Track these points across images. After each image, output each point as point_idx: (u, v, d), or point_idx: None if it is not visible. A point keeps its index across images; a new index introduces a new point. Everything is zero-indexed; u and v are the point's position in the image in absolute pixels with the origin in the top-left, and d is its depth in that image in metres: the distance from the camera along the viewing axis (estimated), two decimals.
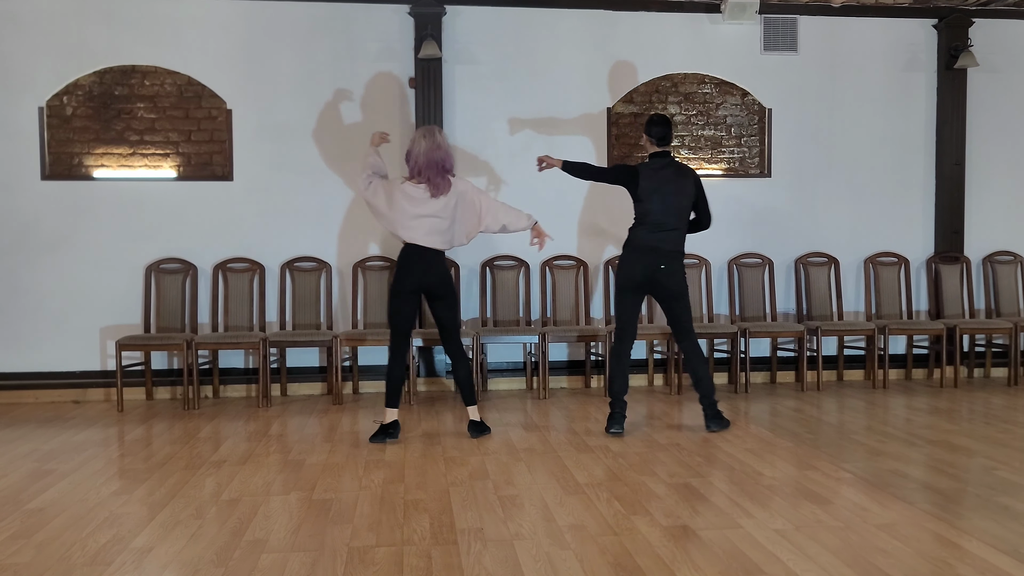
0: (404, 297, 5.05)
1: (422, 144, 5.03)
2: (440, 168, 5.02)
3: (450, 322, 5.16)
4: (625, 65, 7.01)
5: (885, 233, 7.32)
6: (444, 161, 5.04)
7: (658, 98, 7.09)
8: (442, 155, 5.04)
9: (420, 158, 5.01)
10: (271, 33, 6.67)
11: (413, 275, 5.02)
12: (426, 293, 5.10)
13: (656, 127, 5.26)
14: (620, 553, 3.19)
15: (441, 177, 5.03)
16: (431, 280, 5.05)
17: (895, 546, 3.23)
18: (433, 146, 5.02)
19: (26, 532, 3.50)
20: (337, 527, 3.52)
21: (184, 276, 6.59)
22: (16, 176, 6.48)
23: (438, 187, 5.02)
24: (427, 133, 5.09)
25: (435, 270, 5.06)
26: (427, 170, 5.00)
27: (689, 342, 5.29)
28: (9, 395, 6.51)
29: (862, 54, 7.25)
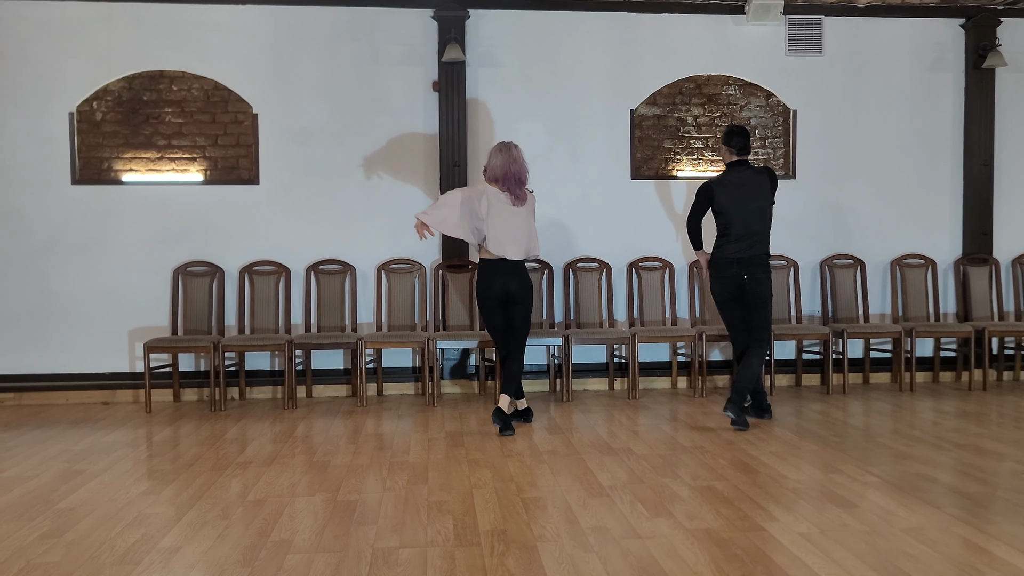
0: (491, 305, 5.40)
1: (498, 157, 5.29)
2: (519, 180, 5.30)
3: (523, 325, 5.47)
4: (648, 67, 7.00)
5: (912, 234, 7.26)
6: (520, 174, 5.31)
7: (681, 100, 7.07)
8: (518, 168, 5.30)
9: (498, 170, 5.27)
10: (296, 38, 6.73)
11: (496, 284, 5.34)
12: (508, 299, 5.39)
13: (736, 137, 5.47)
14: (643, 556, 3.19)
15: (520, 188, 5.31)
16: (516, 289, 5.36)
17: (922, 551, 3.20)
18: (509, 159, 5.28)
19: (56, 531, 3.56)
20: (361, 528, 3.55)
21: (211, 279, 6.66)
22: (47, 180, 6.58)
23: (519, 197, 5.31)
24: (503, 148, 5.33)
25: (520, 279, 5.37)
26: (506, 181, 5.28)
27: (759, 346, 5.49)
28: (40, 396, 6.60)
29: (888, 54, 7.19)
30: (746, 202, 5.41)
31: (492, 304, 5.39)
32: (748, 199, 5.41)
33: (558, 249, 6.93)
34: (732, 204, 5.41)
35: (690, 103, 7.08)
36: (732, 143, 5.48)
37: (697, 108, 7.08)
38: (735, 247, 5.41)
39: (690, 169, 7.07)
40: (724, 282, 5.46)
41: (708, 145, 7.09)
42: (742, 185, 5.42)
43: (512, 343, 5.46)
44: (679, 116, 7.06)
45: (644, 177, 7.00)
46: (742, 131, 5.48)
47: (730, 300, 5.49)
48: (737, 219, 5.40)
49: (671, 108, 7.06)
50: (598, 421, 5.70)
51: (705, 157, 7.08)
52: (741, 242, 5.40)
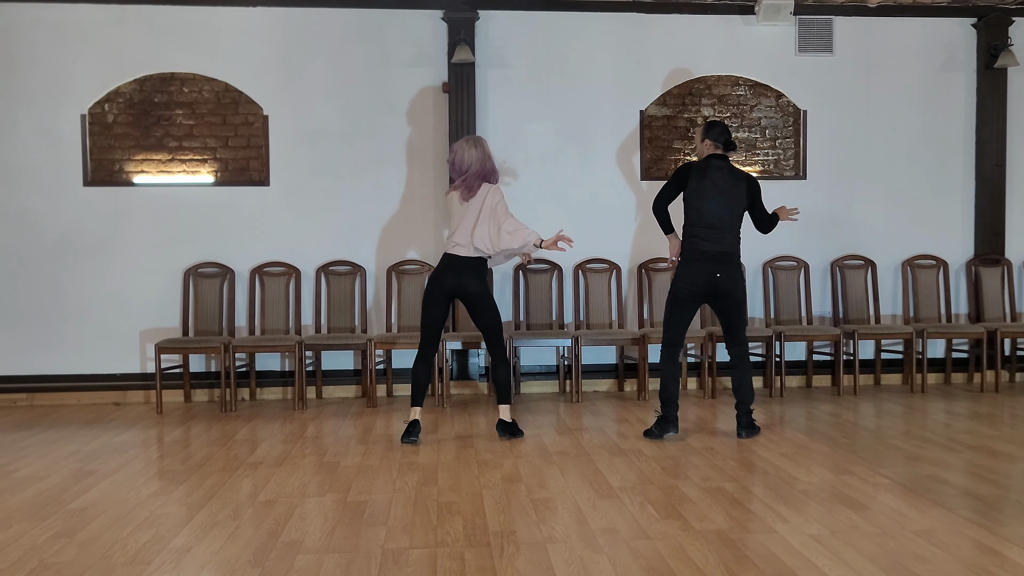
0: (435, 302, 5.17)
1: (473, 153, 5.15)
2: (482, 177, 5.15)
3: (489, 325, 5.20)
4: (658, 68, 6.99)
5: (923, 235, 7.22)
6: (492, 171, 5.19)
7: (691, 100, 7.06)
8: (491, 165, 5.19)
9: (474, 165, 5.13)
10: (306, 40, 6.75)
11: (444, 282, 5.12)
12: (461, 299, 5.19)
13: (718, 127, 5.17)
14: (653, 557, 3.18)
15: (478, 183, 5.13)
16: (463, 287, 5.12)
17: (934, 553, 3.19)
18: (484, 156, 5.16)
19: (68, 531, 3.57)
20: (371, 529, 3.55)
21: (221, 280, 6.68)
22: (59, 182, 6.61)
23: (471, 190, 5.12)
24: (476, 143, 5.19)
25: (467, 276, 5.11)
26: (471, 178, 5.13)
27: (740, 348, 5.20)
28: (52, 397, 6.64)
29: (899, 54, 7.16)
30: (717, 195, 5.05)
31: (436, 295, 5.13)
32: (719, 194, 5.06)
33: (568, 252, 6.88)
34: (702, 191, 5.03)
35: (700, 104, 7.07)
36: (713, 134, 5.15)
37: (707, 109, 7.07)
38: (706, 242, 5.04)
39: None
40: (695, 277, 5.05)
41: None
42: (718, 180, 5.07)
43: (490, 347, 5.19)
44: (689, 117, 7.05)
45: (654, 178, 6.99)
46: (724, 127, 5.20)
47: (693, 298, 5.10)
48: (708, 210, 5.06)
49: (681, 109, 7.05)
50: (607, 422, 5.69)
51: None
52: (713, 232, 5.05)
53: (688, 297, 5.11)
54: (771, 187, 7.09)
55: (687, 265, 5.10)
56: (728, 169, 5.13)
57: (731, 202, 5.09)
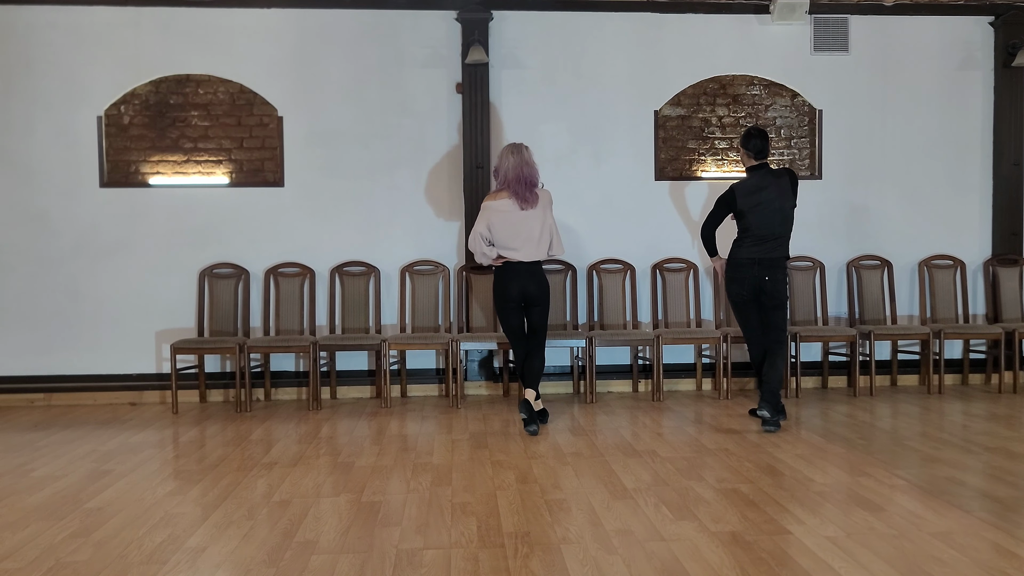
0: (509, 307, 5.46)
1: (510, 160, 5.32)
2: (529, 183, 5.32)
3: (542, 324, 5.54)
4: (672, 67, 6.97)
5: (940, 235, 7.17)
6: (532, 176, 5.34)
7: (706, 100, 7.03)
8: (530, 171, 5.34)
9: (509, 173, 5.31)
10: (321, 41, 6.76)
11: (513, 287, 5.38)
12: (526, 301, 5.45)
13: (755, 140, 5.43)
14: (668, 559, 3.17)
15: (530, 191, 5.33)
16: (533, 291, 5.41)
17: (951, 555, 3.16)
18: (521, 162, 5.32)
19: (85, 531, 3.59)
20: (385, 529, 3.56)
21: (236, 281, 6.71)
22: (76, 184, 6.66)
23: (527, 200, 5.32)
24: (514, 150, 5.36)
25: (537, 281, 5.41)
26: (515, 184, 5.30)
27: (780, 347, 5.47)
28: (69, 397, 6.68)
29: (915, 53, 7.11)
30: (769, 205, 5.37)
31: (510, 307, 5.46)
32: (770, 202, 5.37)
33: (582, 251, 6.92)
34: (755, 207, 5.38)
35: (715, 103, 7.04)
36: (750, 146, 5.44)
37: (722, 108, 7.05)
38: (756, 248, 5.38)
39: (715, 170, 7.04)
40: (742, 283, 5.42)
41: (733, 146, 7.05)
42: (765, 188, 5.39)
43: (533, 343, 5.51)
44: (703, 117, 7.03)
45: (668, 178, 6.97)
46: (760, 133, 5.43)
47: (749, 301, 5.45)
48: (760, 222, 5.38)
49: (695, 109, 7.02)
50: (622, 423, 5.68)
51: (730, 158, 7.04)
52: (763, 244, 5.38)
53: (743, 301, 5.46)
54: None
55: (735, 270, 5.46)
56: (773, 174, 5.45)
57: (781, 204, 5.41)
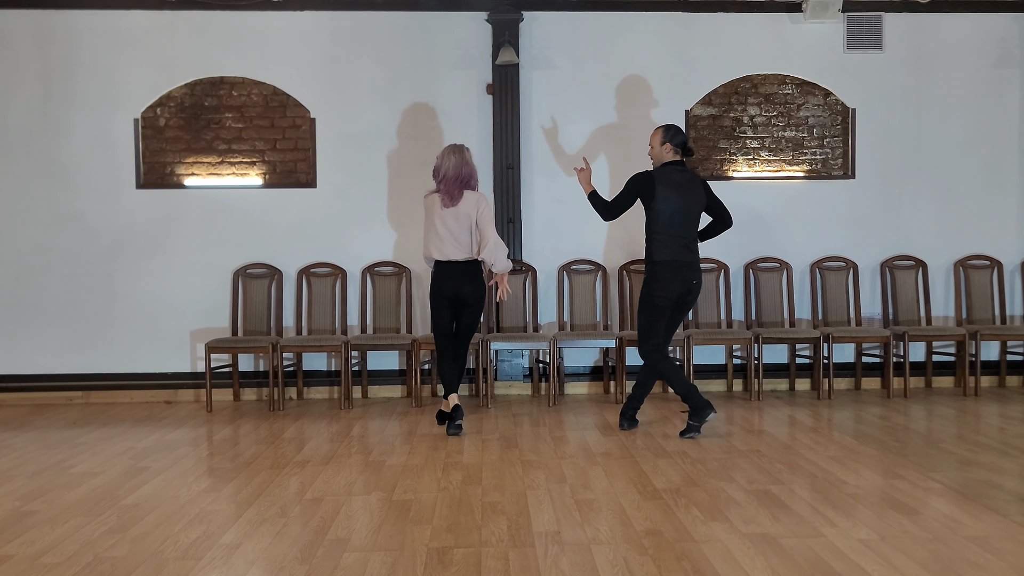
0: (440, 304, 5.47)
1: (451, 159, 5.36)
2: (462, 183, 5.35)
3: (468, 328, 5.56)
4: (703, 67, 6.94)
5: (976, 235, 7.07)
6: (470, 177, 5.38)
7: (737, 99, 6.99)
8: (468, 171, 5.38)
9: (449, 172, 5.34)
10: (352, 43, 6.82)
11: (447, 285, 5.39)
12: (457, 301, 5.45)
13: (680, 135, 5.27)
14: (699, 560, 3.16)
15: (459, 190, 5.34)
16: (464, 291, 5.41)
17: (988, 559, 3.12)
18: (461, 162, 5.36)
19: (122, 527, 3.66)
20: (416, 528, 3.58)
21: (270, 281, 6.78)
22: (113, 185, 6.77)
23: (452, 197, 5.33)
24: (455, 150, 5.41)
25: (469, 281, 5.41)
26: (450, 183, 5.33)
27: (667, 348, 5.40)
28: (106, 395, 6.79)
29: (951, 50, 7.02)
30: (687, 203, 5.17)
31: (441, 304, 5.45)
32: (689, 201, 5.18)
33: (612, 253, 6.91)
34: (674, 202, 5.14)
35: (746, 103, 7.00)
36: (674, 140, 5.22)
37: (753, 108, 7.00)
38: (680, 250, 5.16)
39: (746, 169, 7.00)
40: (676, 284, 5.15)
41: (764, 145, 7.00)
42: (683, 184, 5.18)
43: (458, 348, 5.55)
44: (735, 116, 6.99)
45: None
46: (680, 129, 5.32)
47: (671, 305, 5.21)
48: (678, 219, 5.15)
49: (727, 108, 6.99)
50: (652, 423, 5.66)
51: (761, 157, 7.00)
52: (682, 244, 5.16)
53: (665, 305, 5.22)
54: (819, 187, 7.02)
55: (668, 272, 5.17)
56: (687, 174, 5.27)
57: (697, 208, 5.25)
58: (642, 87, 6.93)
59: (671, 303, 5.21)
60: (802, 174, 7.03)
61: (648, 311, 5.24)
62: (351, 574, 3.08)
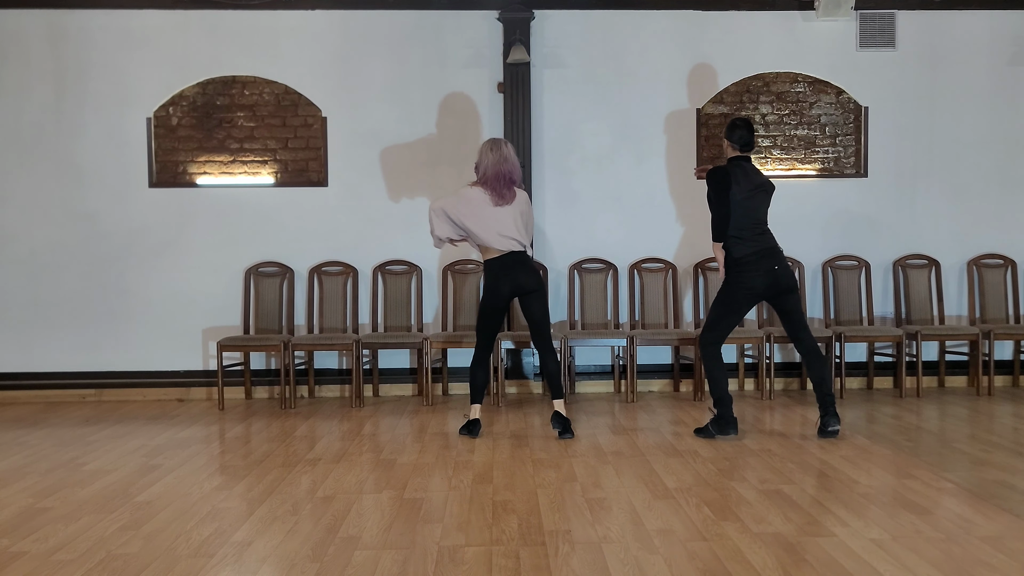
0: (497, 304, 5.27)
1: (489, 156, 5.21)
2: (508, 180, 5.21)
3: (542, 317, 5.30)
4: (715, 65, 6.92)
5: (990, 234, 7.03)
6: (512, 173, 5.22)
7: (749, 98, 6.97)
8: (509, 167, 5.21)
9: (489, 170, 5.19)
10: (364, 42, 6.83)
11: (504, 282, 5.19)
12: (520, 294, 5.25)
13: (739, 131, 5.15)
14: (710, 559, 3.16)
15: (508, 188, 5.21)
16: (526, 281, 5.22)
17: (1001, 560, 3.10)
18: (501, 158, 5.19)
19: (135, 524, 3.68)
20: (427, 526, 3.59)
21: (281, 279, 6.80)
22: (126, 184, 6.80)
23: (503, 196, 5.19)
24: (494, 146, 5.24)
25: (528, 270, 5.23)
26: (494, 181, 5.18)
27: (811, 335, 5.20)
28: (119, 392, 6.83)
29: (965, 48, 6.98)
30: (757, 196, 5.10)
31: (496, 304, 5.23)
32: (759, 192, 5.11)
33: (623, 250, 6.90)
34: (753, 194, 5.07)
35: (758, 101, 6.98)
36: (734, 137, 5.14)
37: (765, 106, 6.98)
38: (759, 239, 5.05)
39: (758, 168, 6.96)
40: (760, 276, 5.01)
41: (776, 144, 6.98)
42: (751, 178, 5.11)
43: (538, 340, 5.29)
44: (747, 114, 6.96)
45: None
46: (746, 124, 5.16)
47: (750, 300, 5.10)
48: (752, 212, 5.07)
49: (738, 106, 6.97)
50: (663, 422, 5.66)
51: (773, 156, 6.98)
52: (761, 235, 5.07)
53: (745, 299, 5.10)
54: (831, 185, 6.99)
55: (751, 265, 5.03)
56: (755, 169, 5.23)
57: (768, 199, 5.19)
58: (653, 85, 6.91)
59: (758, 294, 5.08)
60: (814, 173, 7.01)
61: (724, 304, 5.13)
62: (362, 572, 3.09)
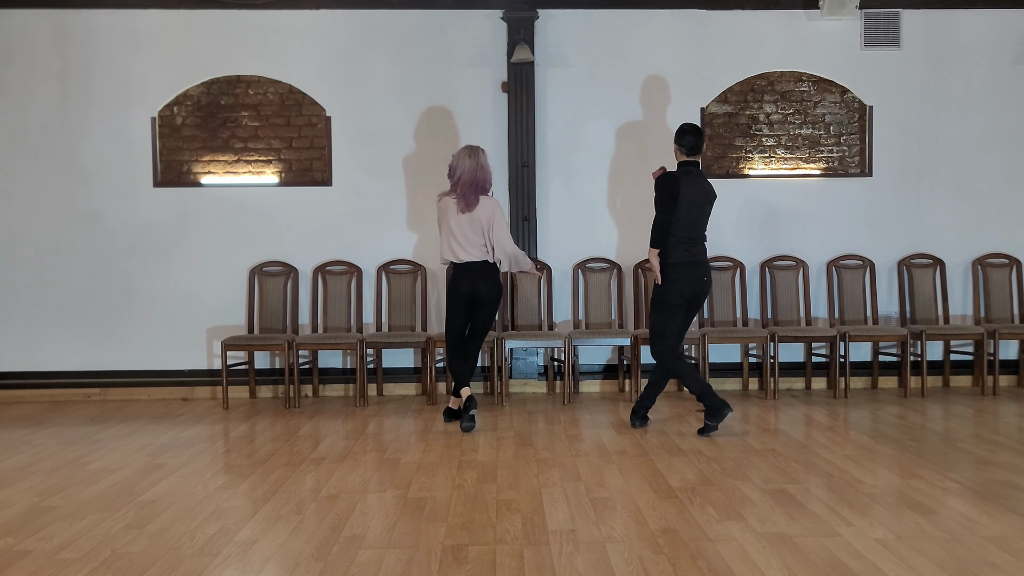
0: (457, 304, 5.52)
1: (467, 163, 5.37)
2: (478, 188, 5.38)
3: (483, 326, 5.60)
4: (719, 64, 6.91)
5: (995, 233, 7.01)
6: (485, 182, 5.41)
7: (753, 97, 6.96)
8: (483, 176, 5.40)
9: (465, 175, 5.36)
10: (368, 41, 6.83)
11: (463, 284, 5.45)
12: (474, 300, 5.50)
13: (688, 136, 5.27)
14: (714, 559, 3.15)
15: (475, 195, 5.37)
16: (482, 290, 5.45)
17: (1006, 560, 3.10)
18: (477, 166, 5.37)
19: (140, 523, 3.68)
20: (431, 525, 3.59)
21: (285, 278, 6.81)
22: (130, 184, 6.81)
23: (469, 203, 5.36)
24: (471, 152, 5.42)
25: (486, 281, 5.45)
26: (465, 187, 5.35)
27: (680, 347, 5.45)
28: (124, 392, 6.84)
29: (969, 47, 6.96)
30: (700, 204, 5.24)
31: (457, 304, 5.50)
32: (703, 202, 5.25)
33: (627, 250, 6.89)
34: (692, 204, 5.19)
35: (762, 100, 6.97)
36: (684, 142, 5.26)
37: (769, 105, 6.97)
38: (694, 249, 5.22)
39: (762, 167, 6.97)
40: (690, 283, 5.19)
41: (781, 143, 6.97)
42: (697, 186, 5.24)
43: (472, 343, 5.62)
44: (751, 114, 6.96)
45: (715, 176, 6.89)
46: (695, 129, 5.29)
47: (686, 304, 5.25)
48: (694, 220, 5.22)
49: (743, 106, 6.96)
50: (667, 422, 5.65)
51: (778, 155, 6.97)
52: (696, 244, 5.23)
53: (678, 305, 5.25)
54: (835, 185, 6.98)
55: (684, 271, 5.20)
56: (701, 176, 5.33)
57: (708, 208, 5.33)
58: (658, 85, 6.91)
59: (686, 301, 5.25)
60: (819, 172, 7.00)
61: (662, 311, 5.27)
62: (366, 571, 3.09)
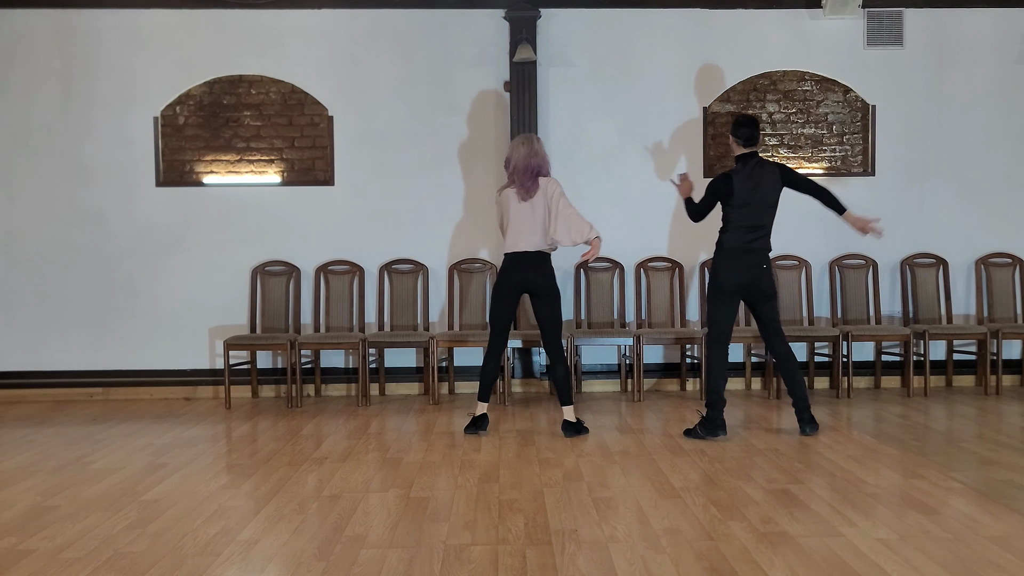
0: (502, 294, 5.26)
1: (520, 151, 5.23)
2: (534, 173, 5.20)
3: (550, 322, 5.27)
4: (722, 63, 6.90)
5: (998, 233, 7.00)
6: (540, 167, 5.23)
7: (756, 96, 6.96)
8: (539, 161, 5.22)
9: (519, 163, 5.21)
10: (370, 41, 6.83)
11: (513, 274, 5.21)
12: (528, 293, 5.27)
13: (744, 128, 5.20)
14: (716, 558, 3.15)
15: (532, 181, 5.20)
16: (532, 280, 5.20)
17: (1009, 560, 3.09)
18: (531, 152, 5.21)
19: (142, 522, 3.68)
20: (434, 525, 3.59)
21: (288, 278, 6.81)
22: (133, 183, 6.81)
23: (528, 190, 5.19)
24: (525, 140, 5.28)
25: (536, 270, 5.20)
26: (521, 175, 5.19)
27: (784, 344, 5.27)
28: (126, 391, 6.85)
29: (973, 46, 6.95)
30: (759, 195, 5.16)
31: (503, 293, 5.24)
32: (761, 192, 5.16)
33: (630, 249, 6.89)
34: (746, 196, 5.14)
35: (765, 99, 6.96)
36: (740, 133, 5.20)
37: (772, 105, 6.96)
38: (748, 235, 5.15)
39: None
40: (741, 271, 5.11)
41: (783, 142, 6.96)
42: (754, 177, 5.17)
43: (547, 344, 5.29)
44: (754, 113, 6.95)
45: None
46: (750, 121, 5.22)
47: (737, 292, 5.15)
48: (750, 211, 5.15)
49: (745, 105, 6.95)
50: (670, 422, 5.65)
51: (780, 154, 6.96)
52: (753, 232, 5.15)
53: (732, 291, 5.16)
54: (838, 184, 6.94)
55: (731, 258, 5.15)
56: (761, 164, 5.22)
57: (771, 197, 5.20)
58: (660, 84, 6.90)
59: (735, 289, 5.15)
60: (821, 171, 6.99)
61: (710, 298, 5.26)
62: (368, 571, 3.09)
